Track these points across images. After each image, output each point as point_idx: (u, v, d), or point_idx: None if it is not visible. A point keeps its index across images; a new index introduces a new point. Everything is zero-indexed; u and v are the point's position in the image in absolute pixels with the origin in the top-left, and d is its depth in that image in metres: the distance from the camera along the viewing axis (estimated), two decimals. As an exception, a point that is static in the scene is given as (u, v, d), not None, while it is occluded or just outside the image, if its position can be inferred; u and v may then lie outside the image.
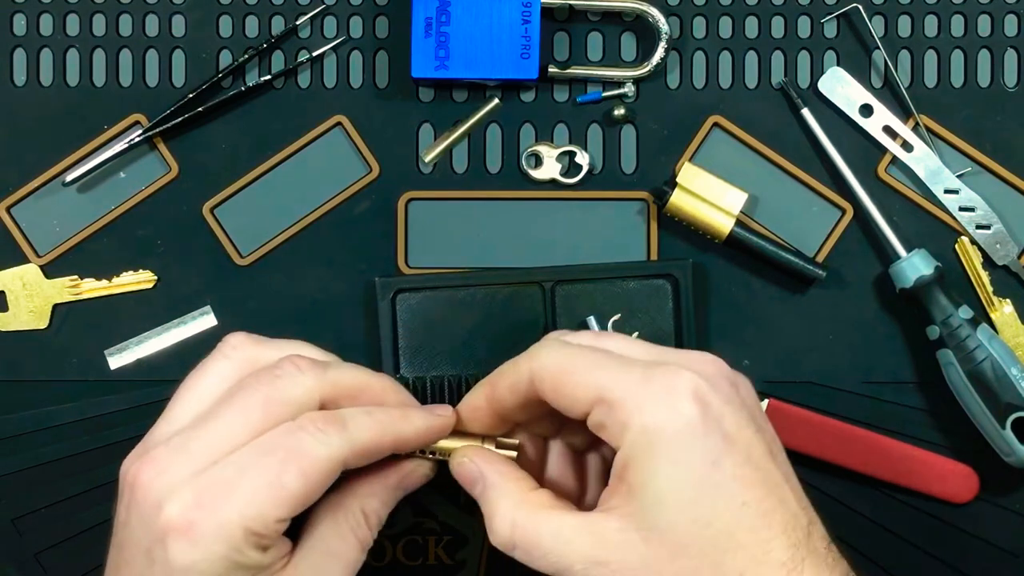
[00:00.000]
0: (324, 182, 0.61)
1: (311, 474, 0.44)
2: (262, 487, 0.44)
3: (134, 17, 0.61)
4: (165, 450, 0.45)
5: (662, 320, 0.59)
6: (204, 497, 0.43)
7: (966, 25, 0.61)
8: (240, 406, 0.46)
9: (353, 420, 0.46)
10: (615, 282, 0.60)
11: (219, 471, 0.44)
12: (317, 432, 0.45)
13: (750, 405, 0.45)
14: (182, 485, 0.44)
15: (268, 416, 0.45)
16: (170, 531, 0.43)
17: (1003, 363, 0.57)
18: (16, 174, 0.61)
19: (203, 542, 0.43)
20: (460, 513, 0.60)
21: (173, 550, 0.43)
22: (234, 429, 0.45)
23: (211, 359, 0.49)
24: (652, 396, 0.43)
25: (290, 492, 0.44)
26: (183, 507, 0.43)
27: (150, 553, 0.44)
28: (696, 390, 0.43)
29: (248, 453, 0.45)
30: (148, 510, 0.44)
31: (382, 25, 0.61)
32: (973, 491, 0.59)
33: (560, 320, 0.59)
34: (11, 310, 0.61)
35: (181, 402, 0.48)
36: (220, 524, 0.43)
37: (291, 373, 0.47)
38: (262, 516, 0.44)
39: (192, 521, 0.43)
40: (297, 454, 0.44)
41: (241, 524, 0.43)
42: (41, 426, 0.60)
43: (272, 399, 0.46)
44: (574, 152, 0.61)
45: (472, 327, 0.59)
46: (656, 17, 0.60)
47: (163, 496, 0.44)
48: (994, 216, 0.60)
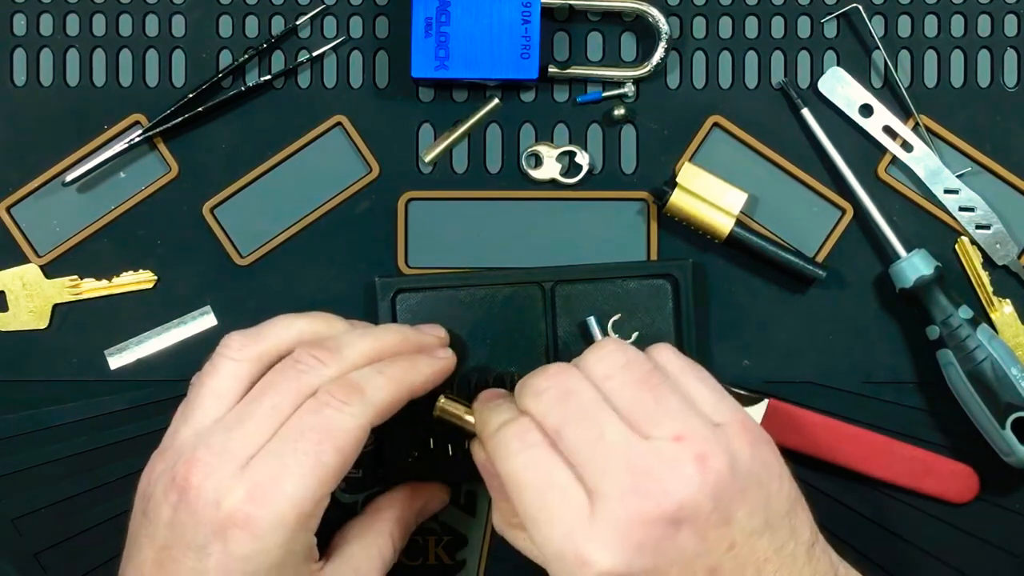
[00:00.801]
0: (324, 182, 0.61)
1: (345, 447, 0.48)
2: (306, 471, 0.47)
3: (134, 17, 0.61)
4: (207, 452, 0.47)
5: (662, 320, 0.59)
6: (257, 491, 0.46)
7: (966, 25, 0.61)
8: (273, 404, 0.48)
9: (369, 383, 0.49)
10: (615, 282, 0.60)
11: (263, 463, 0.47)
12: (342, 405, 0.48)
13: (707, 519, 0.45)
14: (233, 482, 0.46)
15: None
16: (230, 525, 0.46)
17: (1003, 363, 0.57)
18: (16, 174, 0.61)
19: (263, 531, 0.46)
20: (460, 513, 0.60)
21: (234, 543, 0.46)
22: (271, 427, 0.48)
23: (216, 363, 0.51)
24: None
25: (331, 469, 0.47)
26: (239, 502, 0.46)
27: (205, 548, 0.46)
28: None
29: (283, 440, 0.47)
30: (203, 509, 0.46)
31: (382, 25, 0.61)
32: (973, 491, 0.59)
33: (560, 320, 0.59)
34: (11, 310, 0.61)
35: (199, 404, 0.50)
36: (276, 513, 0.46)
37: (314, 367, 0.50)
38: (311, 497, 0.47)
39: (250, 514, 0.46)
40: (329, 432, 0.48)
41: (294, 509, 0.46)
42: (41, 426, 0.60)
43: (301, 395, 0.49)
44: (574, 152, 0.61)
45: (472, 327, 0.59)
46: (656, 17, 0.60)
47: (218, 495, 0.46)
48: (994, 216, 0.60)
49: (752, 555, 0.45)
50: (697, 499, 0.44)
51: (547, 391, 0.48)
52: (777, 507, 0.46)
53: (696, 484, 0.44)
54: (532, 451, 0.47)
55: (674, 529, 0.44)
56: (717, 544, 0.45)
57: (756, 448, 0.47)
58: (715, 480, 0.45)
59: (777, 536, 0.46)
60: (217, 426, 0.49)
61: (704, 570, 0.45)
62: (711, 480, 0.45)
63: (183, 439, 0.49)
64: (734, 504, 0.45)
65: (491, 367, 0.59)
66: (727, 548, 0.45)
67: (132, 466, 0.60)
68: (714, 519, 0.45)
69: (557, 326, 0.59)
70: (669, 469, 0.45)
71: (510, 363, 0.59)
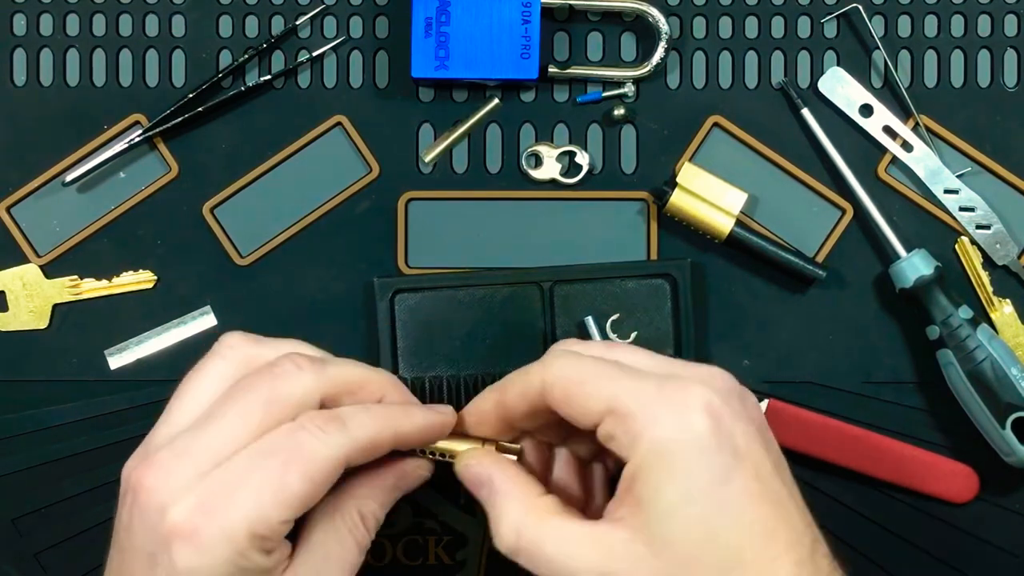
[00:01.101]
0: (324, 182, 0.61)
1: (314, 474, 0.44)
2: (266, 490, 0.43)
3: (134, 17, 0.61)
4: (168, 454, 0.45)
5: (660, 320, 0.59)
6: (208, 502, 0.43)
7: (966, 25, 0.61)
8: (240, 407, 0.45)
9: (353, 418, 0.46)
10: (613, 282, 0.60)
11: (222, 474, 0.44)
12: (318, 432, 0.45)
13: (757, 421, 0.45)
14: (186, 490, 0.44)
15: (269, 416, 0.45)
16: (175, 536, 0.43)
17: (1003, 363, 0.57)
18: (16, 174, 0.61)
19: (208, 547, 0.43)
20: (460, 513, 0.60)
21: (178, 555, 0.43)
22: (236, 431, 0.45)
23: (208, 359, 0.48)
24: (664, 409, 0.43)
25: (293, 493, 0.44)
26: (187, 512, 0.43)
27: (154, 557, 0.44)
28: (708, 405, 0.43)
29: (250, 456, 0.44)
30: (152, 515, 0.44)
31: (382, 25, 0.61)
32: (973, 491, 0.59)
33: (559, 320, 0.59)
34: (11, 310, 0.61)
35: (180, 404, 0.47)
36: (225, 529, 0.43)
37: (290, 371, 0.46)
38: (266, 519, 0.43)
39: (196, 526, 0.43)
40: (299, 455, 0.44)
41: (246, 528, 0.43)
42: (41, 426, 0.60)
43: (272, 399, 0.45)
44: (574, 152, 0.61)
45: (471, 327, 0.59)
46: (656, 17, 0.60)
47: (167, 501, 0.43)
48: (994, 216, 0.60)
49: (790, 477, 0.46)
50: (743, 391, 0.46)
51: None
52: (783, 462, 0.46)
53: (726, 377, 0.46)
54: (592, 354, 0.47)
55: (742, 401, 0.45)
56: (772, 445, 0.46)
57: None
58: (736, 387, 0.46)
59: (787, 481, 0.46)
60: (187, 428, 0.46)
61: (774, 454, 0.45)
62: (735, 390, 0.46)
63: (157, 437, 0.47)
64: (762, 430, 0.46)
65: (490, 367, 0.59)
66: (778, 455, 0.46)
67: (132, 466, 0.60)
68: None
69: (556, 326, 0.59)
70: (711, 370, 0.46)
71: (508, 363, 0.59)
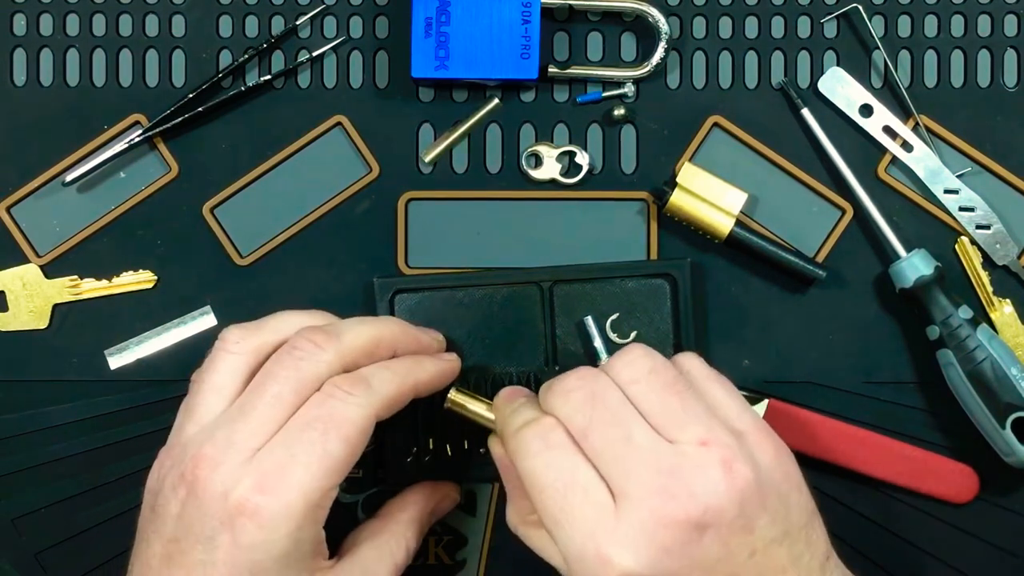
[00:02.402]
0: (324, 182, 0.61)
1: (352, 437, 0.48)
2: (313, 461, 0.47)
3: (134, 17, 0.61)
4: (213, 447, 0.47)
5: (660, 320, 0.59)
6: (264, 481, 0.46)
7: (966, 25, 0.61)
8: (273, 394, 0.48)
9: (375, 377, 0.50)
10: (613, 282, 0.60)
11: (269, 453, 0.47)
12: (346, 396, 0.48)
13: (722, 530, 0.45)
14: (241, 473, 0.47)
15: (301, 395, 0.49)
16: (238, 515, 0.46)
17: (1003, 363, 0.56)
18: (16, 174, 0.61)
19: (270, 522, 0.46)
20: (460, 513, 0.60)
21: (242, 532, 0.46)
22: (274, 416, 0.48)
23: (215, 358, 0.51)
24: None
25: (338, 459, 0.47)
26: (247, 491, 0.46)
27: (213, 540, 0.46)
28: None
29: (290, 431, 0.48)
30: (210, 501, 0.46)
31: (382, 25, 0.61)
32: (973, 491, 0.59)
33: (559, 320, 0.59)
34: (11, 310, 0.61)
35: (201, 402, 0.50)
36: (284, 502, 0.46)
37: (311, 351, 0.49)
38: (319, 487, 0.47)
39: (257, 504, 0.46)
40: (335, 422, 0.48)
41: (302, 499, 0.46)
42: (41, 426, 0.60)
43: (302, 382, 0.49)
44: (574, 152, 0.61)
45: (470, 327, 0.59)
46: (656, 17, 0.60)
47: (225, 487, 0.46)
48: (994, 216, 0.60)
49: (771, 564, 0.45)
50: (723, 504, 0.45)
51: (574, 392, 0.48)
52: (796, 518, 0.47)
53: (722, 489, 0.45)
54: (555, 451, 0.47)
55: (699, 533, 0.44)
56: (739, 551, 0.45)
57: (778, 458, 0.47)
58: (741, 487, 0.45)
59: (795, 547, 0.46)
60: (220, 420, 0.49)
61: (726, 575, 0.45)
62: (737, 486, 0.45)
63: (188, 435, 0.49)
64: (757, 512, 0.45)
65: (490, 367, 0.59)
66: (748, 555, 0.45)
67: (132, 466, 0.60)
68: (737, 525, 0.45)
69: (556, 326, 0.59)
70: (696, 473, 0.45)
71: (509, 363, 0.59)
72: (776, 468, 0.47)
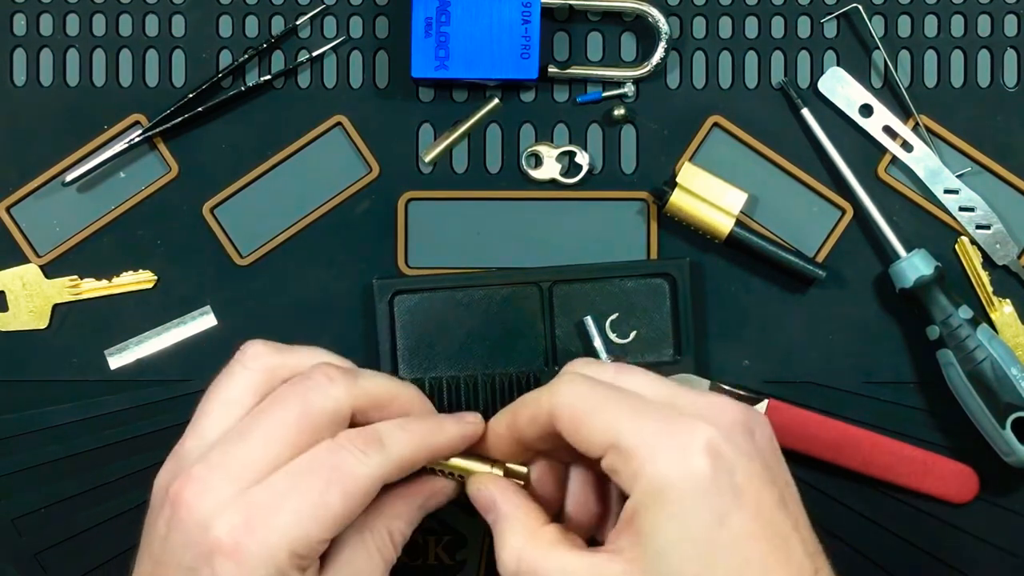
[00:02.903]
0: (324, 182, 0.61)
1: (354, 494, 0.45)
2: (307, 508, 0.44)
3: (134, 17, 0.61)
4: (205, 468, 0.45)
5: (660, 319, 0.59)
6: (252, 519, 0.44)
7: (966, 25, 0.61)
8: (276, 420, 0.46)
9: (390, 436, 0.47)
10: (612, 281, 0.60)
11: (264, 492, 0.45)
12: (358, 452, 0.46)
13: (766, 452, 0.45)
14: (228, 506, 0.44)
15: (303, 430, 0.46)
16: (217, 551, 0.44)
17: (1003, 363, 0.56)
18: (16, 174, 0.61)
19: (250, 564, 0.43)
20: (460, 513, 0.60)
21: (220, 570, 0.43)
22: (271, 445, 0.46)
23: (231, 370, 0.49)
24: (666, 448, 0.44)
25: (334, 513, 0.45)
26: (231, 528, 0.44)
27: (194, 572, 0.44)
28: (710, 444, 0.43)
29: (291, 474, 0.45)
30: (193, 529, 0.44)
31: (382, 25, 0.61)
32: (973, 492, 0.59)
33: (558, 320, 0.59)
34: (11, 310, 0.61)
35: (207, 416, 0.48)
36: (267, 546, 0.44)
37: (323, 384, 0.47)
38: (307, 537, 0.44)
39: (239, 543, 0.44)
40: (340, 474, 0.45)
41: (287, 546, 0.44)
42: (41, 426, 0.60)
43: (306, 412, 0.46)
44: (574, 152, 0.61)
45: (470, 328, 0.59)
46: (656, 17, 0.60)
47: (209, 516, 0.44)
48: (994, 216, 0.60)
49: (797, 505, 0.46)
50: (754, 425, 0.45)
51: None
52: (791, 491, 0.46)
53: (735, 410, 0.45)
54: (593, 377, 0.47)
55: (749, 431, 0.45)
56: (779, 476, 0.45)
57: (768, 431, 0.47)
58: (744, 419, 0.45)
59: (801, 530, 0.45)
60: (219, 441, 0.47)
61: (780, 481, 0.45)
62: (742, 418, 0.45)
63: (187, 449, 0.47)
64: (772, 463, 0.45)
65: (490, 368, 0.59)
66: (786, 483, 0.45)
67: (132, 466, 0.60)
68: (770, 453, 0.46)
69: (555, 326, 0.59)
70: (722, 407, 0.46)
71: (508, 364, 0.59)
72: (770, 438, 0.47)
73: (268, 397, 0.47)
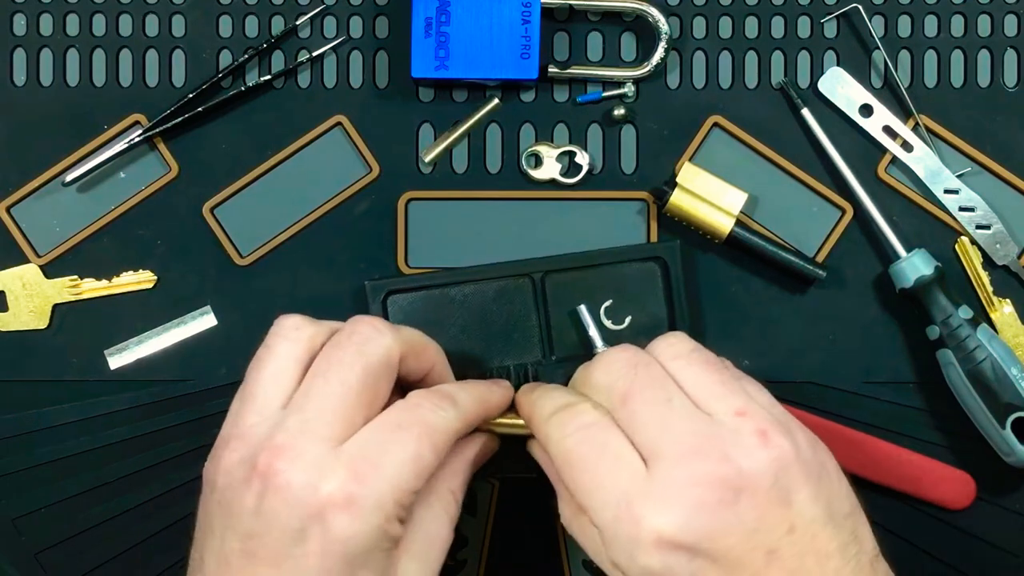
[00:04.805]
0: (324, 182, 0.61)
1: (440, 445, 0.48)
2: (406, 459, 0.46)
3: (134, 17, 0.61)
4: (288, 435, 0.46)
5: (654, 303, 0.59)
6: (359, 471, 0.45)
7: (966, 25, 0.61)
8: (340, 377, 0.47)
9: (458, 395, 0.50)
10: (604, 268, 0.60)
11: (358, 447, 0.46)
12: (436, 408, 0.48)
13: (745, 521, 0.44)
14: (329, 463, 0.45)
15: (367, 381, 0.48)
16: (331, 506, 0.45)
17: (1003, 363, 0.57)
18: (16, 174, 0.61)
19: (363, 514, 0.45)
20: (460, 513, 0.60)
21: (335, 523, 0.45)
22: (345, 400, 0.47)
23: (271, 344, 0.50)
24: (620, 540, 0.45)
25: (427, 464, 0.47)
26: (341, 482, 0.45)
27: (303, 532, 0.45)
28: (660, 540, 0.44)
29: (381, 429, 0.47)
30: (298, 493, 0.45)
31: (382, 25, 0.61)
32: (970, 497, 0.59)
33: (552, 311, 0.59)
34: (11, 310, 0.61)
35: (260, 388, 0.49)
36: (377, 494, 0.45)
37: (373, 335, 0.49)
38: (408, 487, 0.46)
39: (352, 494, 0.45)
40: (427, 427, 0.47)
41: (392, 495, 0.45)
42: (41, 426, 0.60)
43: (366, 364, 0.48)
44: (574, 152, 0.61)
45: (465, 323, 0.59)
46: (656, 17, 0.60)
47: (313, 477, 0.45)
48: (994, 216, 0.60)
49: (813, 545, 0.44)
50: (758, 469, 0.44)
51: (617, 361, 0.48)
52: (839, 504, 0.46)
53: (758, 455, 0.44)
54: (588, 428, 0.47)
55: (733, 496, 0.43)
56: (776, 524, 0.44)
57: (815, 444, 0.47)
58: (777, 455, 0.44)
59: (840, 533, 0.45)
60: (289, 409, 0.47)
61: (762, 549, 0.43)
62: (772, 455, 0.44)
63: (250, 425, 0.47)
64: (795, 485, 0.44)
65: (488, 362, 0.59)
66: (787, 531, 0.44)
67: (132, 466, 0.60)
68: (774, 495, 0.44)
69: (550, 316, 0.59)
70: (731, 437, 0.45)
71: (505, 357, 0.59)
72: (814, 451, 0.46)
73: (319, 358, 0.49)
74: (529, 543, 0.61)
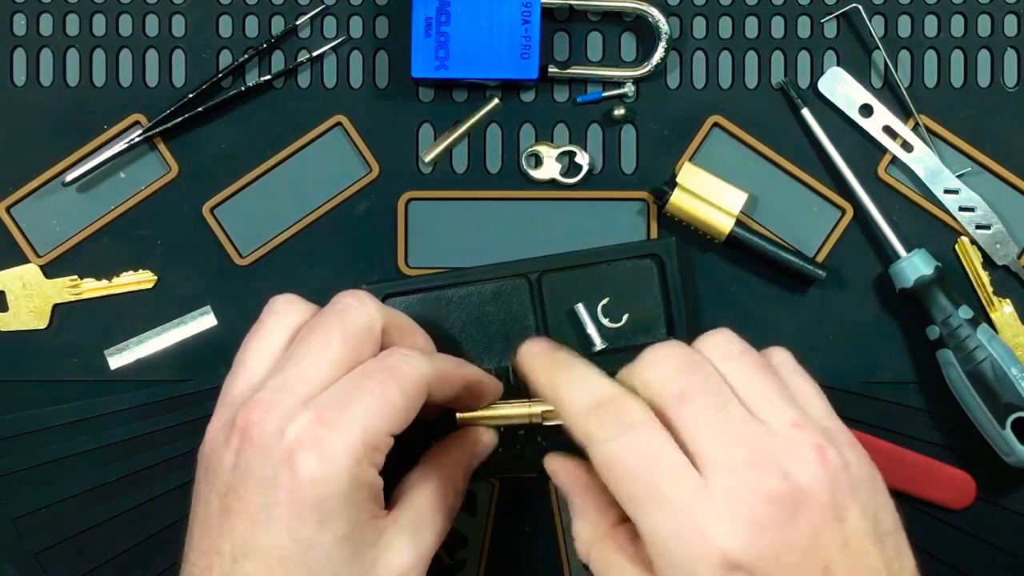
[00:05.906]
0: (324, 182, 0.61)
1: (410, 390, 0.48)
2: (373, 402, 0.46)
3: (134, 17, 0.61)
4: (267, 392, 0.47)
5: (651, 300, 0.59)
6: (325, 415, 0.45)
7: (966, 25, 0.61)
8: (321, 340, 0.48)
9: (432, 353, 0.51)
10: (600, 267, 0.60)
11: (330, 394, 0.47)
12: (406, 357, 0.49)
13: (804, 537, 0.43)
14: (299, 410, 0.46)
15: (347, 345, 0.48)
16: (297, 448, 0.45)
17: (1003, 363, 0.57)
18: (16, 174, 0.61)
19: (331, 455, 0.45)
20: (460, 513, 0.60)
21: (302, 465, 0.45)
22: (325, 361, 0.47)
23: (265, 320, 0.51)
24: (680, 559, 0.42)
25: (397, 407, 0.47)
26: (307, 425, 0.45)
27: (273, 480, 0.45)
28: (725, 561, 0.42)
29: (350, 378, 0.47)
30: (268, 441, 0.45)
31: (382, 25, 0.61)
32: (970, 498, 0.59)
33: (549, 310, 0.59)
34: (11, 310, 0.61)
35: (251, 357, 0.50)
36: (344, 436, 0.45)
37: (356, 305, 0.50)
38: (378, 429, 0.46)
39: (318, 435, 0.45)
40: (396, 374, 0.48)
41: (362, 435, 0.45)
42: (41, 426, 0.60)
43: (347, 329, 0.49)
44: (574, 152, 0.61)
45: (462, 325, 0.59)
46: (656, 17, 0.60)
47: (283, 423, 0.45)
48: (994, 216, 0.60)
49: (864, 561, 0.43)
50: (815, 486, 0.43)
51: (671, 359, 0.46)
52: (885, 520, 0.45)
53: (816, 470, 0.43)
54: (636, 431, 0.44)
55: (792, 513, 0.42)
56: (831, 540, 0.43)
57: (865, 459, 0.46)
58: (832, 472, 0.43)
59: (886, 551, 0.44)
60: (272, 372, 0.48)
61: (819, 565, 0.42)
62: (828, 471, 0.43)
63: (237, 392, 0.49)
64: (847, 501, 0.43)
65: (486, 364, 0.59)
66: (841, 546, 0.43)
67: (132, 466, 0.60)
68: (829, 512, 0.43)
69: (547, 316, 0.59)
70: (789, 452, 0.43)
71: (503, 358, 0.59)
72: (862, 466, 0.45)
73: (305, 327, 0.49)
74: (529, 543, 0.61)
